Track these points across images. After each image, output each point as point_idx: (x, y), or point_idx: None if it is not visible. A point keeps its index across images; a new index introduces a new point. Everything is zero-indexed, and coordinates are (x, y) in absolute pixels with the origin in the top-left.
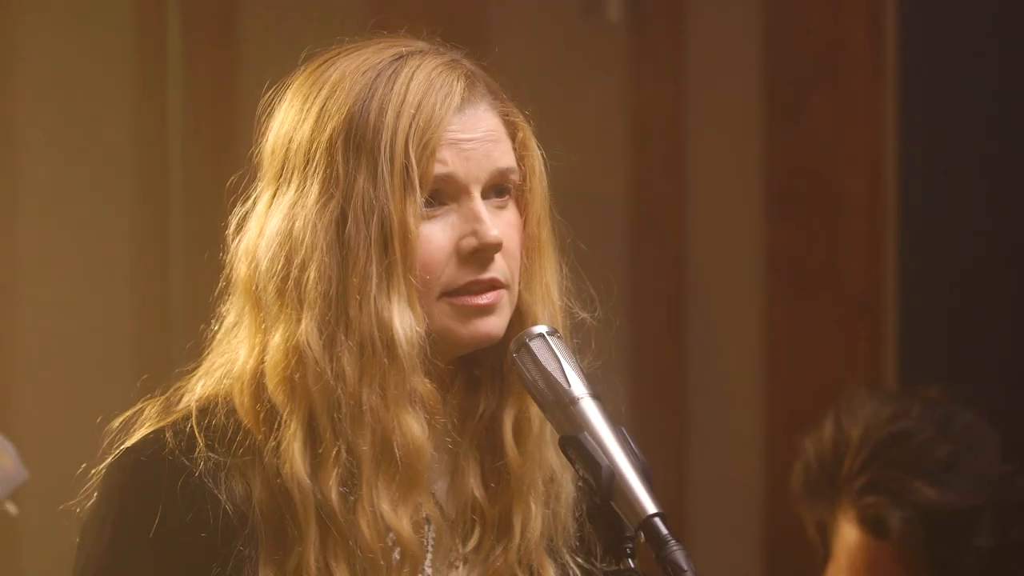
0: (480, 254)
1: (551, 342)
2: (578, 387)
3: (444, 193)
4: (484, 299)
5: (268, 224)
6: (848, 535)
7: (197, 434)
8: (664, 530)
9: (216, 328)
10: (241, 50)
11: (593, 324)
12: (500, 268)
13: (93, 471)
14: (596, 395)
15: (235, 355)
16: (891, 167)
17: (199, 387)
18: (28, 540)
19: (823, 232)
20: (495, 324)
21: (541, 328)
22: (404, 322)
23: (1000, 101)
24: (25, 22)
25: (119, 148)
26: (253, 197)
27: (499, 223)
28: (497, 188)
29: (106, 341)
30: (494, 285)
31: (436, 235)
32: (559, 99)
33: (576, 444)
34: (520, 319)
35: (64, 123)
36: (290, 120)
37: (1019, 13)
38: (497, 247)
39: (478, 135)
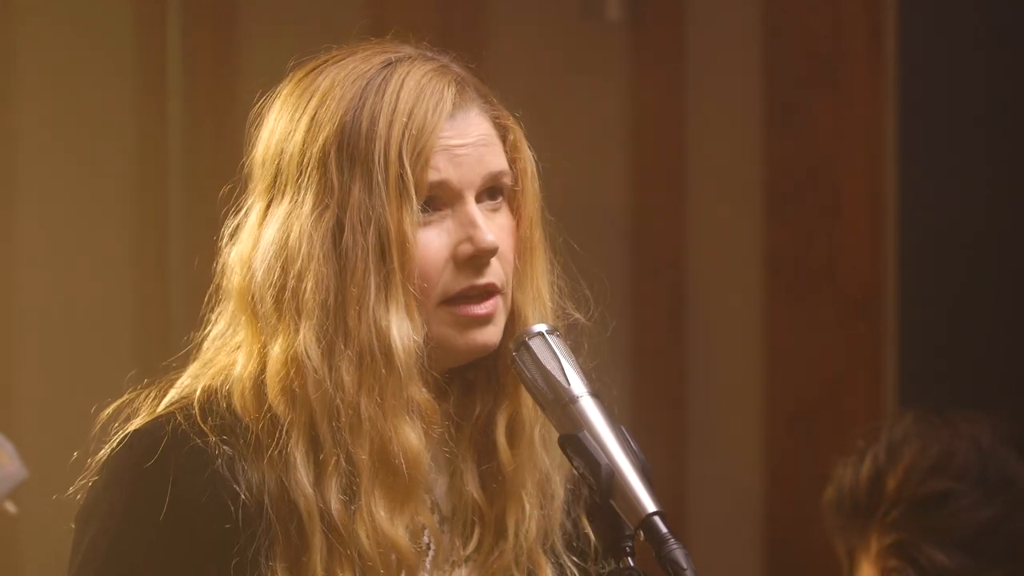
0: (476, 259)
1: (551, 341)
2: (577, 385)
3: (439, 199)
4: (482, 308)
5: (263, 235)
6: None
7: (206, 421)
8: (664, 528)
9: (206, 334)
10: (241, 50)
11: (587, 325)
12: (496, 272)
13: (89, 460)
14: (596, 393)
15: (232, 359)
16: (891, 167)
17: (197, 382)
18: (28, 540)
19: (823, 232)
20: (492, 334)
21: (541, 327)
22: (402, 331)
23: (999, 101)
24: (25, 22)
25: (119, 147)
26: (245, 208)
27: (493, 227)
28: (490, 191)
29: (107, 341)
30: (490, 291)
31: (432, 241)
32: (559, 99)
33: (575, 442)
34: (511, 321)
35: (64, 122)
36: (280, 130)
37: (1018, 13)
38: (493, 252)
39: (470, 140)
